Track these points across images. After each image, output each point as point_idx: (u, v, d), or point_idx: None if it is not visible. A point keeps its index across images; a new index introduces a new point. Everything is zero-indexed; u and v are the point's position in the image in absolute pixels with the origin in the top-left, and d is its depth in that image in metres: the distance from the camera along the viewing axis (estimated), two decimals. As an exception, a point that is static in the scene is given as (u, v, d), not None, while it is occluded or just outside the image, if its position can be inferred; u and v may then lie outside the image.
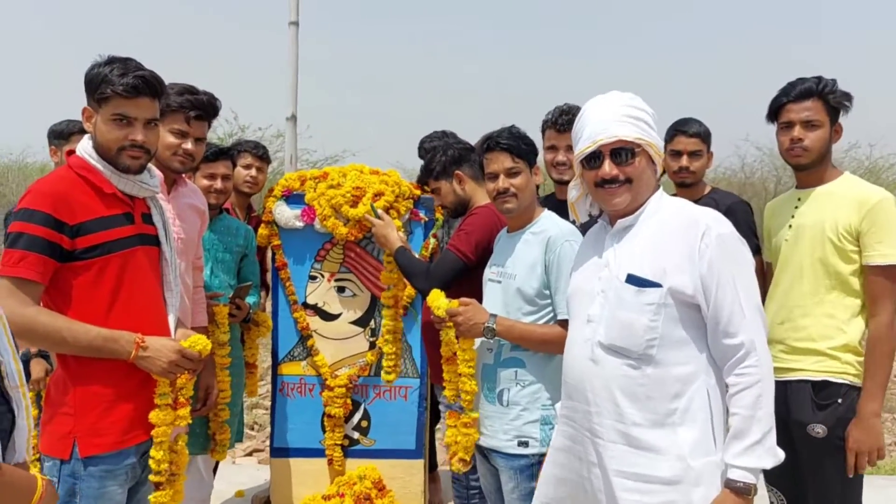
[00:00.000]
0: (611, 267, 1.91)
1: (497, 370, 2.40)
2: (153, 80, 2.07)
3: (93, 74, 2.05)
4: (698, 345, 1.82)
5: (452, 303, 2.37)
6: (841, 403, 2.41)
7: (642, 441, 1.81)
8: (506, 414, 2.37)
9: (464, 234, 2.69)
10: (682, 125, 3.20)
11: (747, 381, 1.75)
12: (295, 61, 4.69)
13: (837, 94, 2.51)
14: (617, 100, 1.94)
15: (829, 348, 2.44)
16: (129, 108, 2.05)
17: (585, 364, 1.92)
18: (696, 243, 1.78)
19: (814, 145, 2.51)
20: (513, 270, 2.41)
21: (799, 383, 2.47)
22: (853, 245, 2.42)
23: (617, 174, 1.89)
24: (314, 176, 3.50)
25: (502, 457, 2.38)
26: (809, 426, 2.44)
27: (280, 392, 3.54)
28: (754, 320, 1.78)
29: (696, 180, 3.21)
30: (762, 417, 1.73)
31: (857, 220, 2.41)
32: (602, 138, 1.89)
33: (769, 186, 13.68)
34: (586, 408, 1.91)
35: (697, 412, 1.79)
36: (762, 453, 1.73)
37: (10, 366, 1.50)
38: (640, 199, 1.93)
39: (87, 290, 2.01)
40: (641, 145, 1.89)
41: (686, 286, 1.78)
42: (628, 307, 1.83)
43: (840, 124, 2.57)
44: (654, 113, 1.94)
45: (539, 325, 2.34)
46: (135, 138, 2.06)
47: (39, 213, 1.94)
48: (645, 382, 1.81)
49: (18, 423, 1.52)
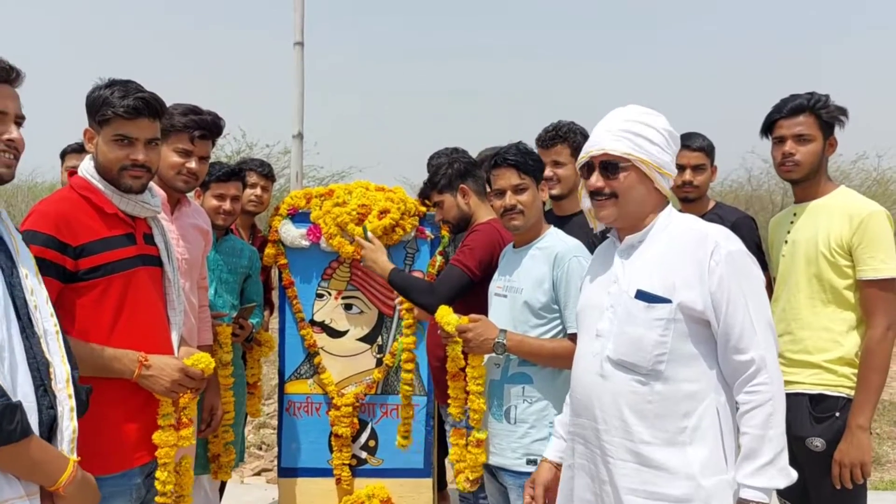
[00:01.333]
0: (620, 282, 1.90)
1: (504, 386, 2.39)
2: (153, 101, 2.10)
3: (94, 97, 2.08)
4: (708, 361, 1.80)
5: (462, 319, 2.36)
6: (839, 417, 2.40)
7: (652, 459, 1.78)
8: (513, 432, 2.35)
9: (468, 250, 2.68)
10: (685, 139, 3.19)
11: (758, 399, 1.72)
12: (300, 81, 4.74)
13: (830, 108, 2.53)
14: (623, 114, 1.94)
15: (826, 361, 2.44)
16: (130, 129, 2.07)
17: (594, 379, 1.90)
18: (705, 260, 1.77)
19: (805, 159, 2.53)
20: (519, 284, 2.40)
21: (796, 396, 2.45)
22: (846, 259, 2.42)
23: (602, 186, 1.90)
24: (320, 193, 3.50)
25: (511, 475, 2.36)
26: (808, 440, 2.43)
27: (287, 411, 3.53)
28: (765, 337, 1.76)
29: (699, 195, 3.20)
30: (774, 437, 1.71)
31: (848, 235, 2.41)
32: (593, 150, 1.91)
33: (776, 199, 13.63)
34: (595, 425, 1.89)
35: (707, 430, 1.77)
36: (774, 473, 1.70)
37: (59, 368, 1.62)
38: (631, 215, 1.92)
39: (91, 310, 2.01)
40: (631, 161, 1.88)
41: (696, 302, 1.76)
42: (637, 322, 1.82)
43: (834, 138, 2.59)
44: (669, 131, 1.92)
45: (549, 340, 2.33)
46: (136, 158, 2.08)
47: (42, 235, 1.95)
48: (654, 399, 1.79)
49: (62, 423, 1.61)
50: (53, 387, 1.60)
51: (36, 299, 1.63)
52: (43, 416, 1.57)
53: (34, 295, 1.63)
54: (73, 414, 1.64)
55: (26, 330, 1.59)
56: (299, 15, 4.71)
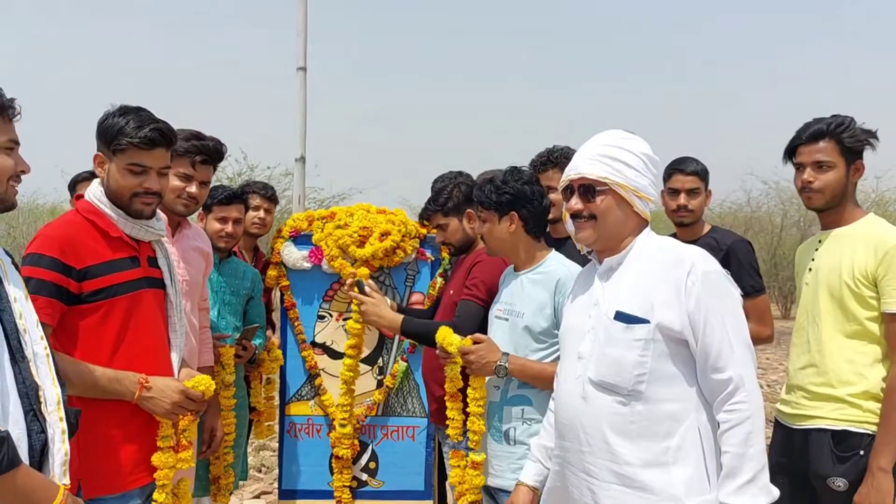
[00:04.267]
0: (600, 305, 1.94)
1: (504, 408, 2.41)
2: (167, 132, 2.15)
3: (107, 125, 2.12)
4: (688, 380, 1.83)
5: (465, 340, 2.38)
6: (863, 455, 2.30)
7: (636, 481, 1.80)
8: (513, 453, 2.37)
9: (479, 283, 2.72)
10: (679, 164, 3.21)
11: (738, 417, 1.75)
12: (303, 105, 4.80)
13: (856, 132, 2.43)
14: (602, 139, 1.99)
15: (850, 395, 2.35)
16: (145, 159, 2.12)
17: (576, 402, 1.93)
18: (682, 280, 1.80)
19: (825, 187, 2.44)
20: (521, 309, 2.43)
21: (818, 432, 2.38)
22: (870, 290, 2.34)
23: (581, 209, 1.95)
24: (321, 216, 3.54)
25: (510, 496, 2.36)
26: (829, 479, 2.34)
27: (288, 433, 3.53)
28: (743, 356, 1.78)
29: (694, 219, 3.20)
30: (753, 455, 1.73)
31: (873, 265, 2.32)
32: (571, 174, 1.98)
33: (775, 220, 13.69)
34: (579, 447, 1.91)
35: (690, 450, 1.79)
36: (756, 492, 1.72)
37: (49, 391, 1.62)
38: (609, 238, 1.96)
39: (93, 332, 2.05)
40: (608, 185, 1.91)
41: (674, 322, 1.80)
42: (617, 343, 1.85)
43: (861, 162, 2.47)
44: (646, 155, 1.96)
45: (551, 364, 2.34)
46: (150, 186, 2.13)
47: (47, 258, 1.99)
48: (636, 419, 1.82)
49: (53, 447, 1.60)
50: (44, 410, 1.60)
51: (25, 323, 1.64)
52: (33, 441, 1.57)
53: (23, 318, 1.63)
54: (65, 437, 1.63)
55: (15, 354, 1.59)
56: (302, 40, 4.78)
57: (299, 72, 4.76)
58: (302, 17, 4.58)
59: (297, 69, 4.80)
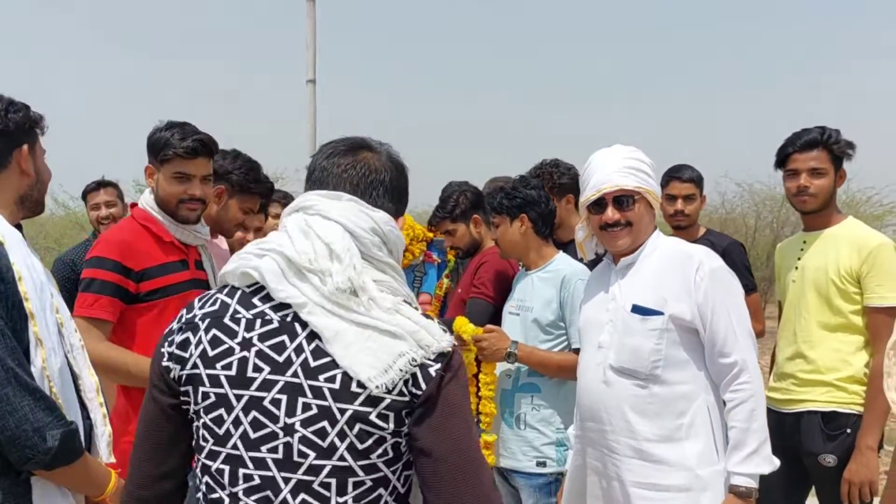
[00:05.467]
0: (617, 299, 2.16)
1: (515, 395, 2.62)
2: (209, 143, 2.35)
3: (155, 138, 2.32)
4: (698, 365, 2.06)
5: (478, 329, 2.60)
6: (850, 433, 2.56)
7: (654, 455, 2.03)
8: (523, 437, 2.59)
9: (486, 281, 2.94)
10: (676, 171, 3.46)
11: (742, 396, 1.98)
12: (313, 116, 4.98)
13: (841, 143, 2.69)
14: (619, 153, 2.20)
15: (837, 379, 2.60)
16: (188, 167, 2.31)
17: (599, 386, 2.15)
18: (691, 276, 2.04)
19: (819, 192, 2.68)
20: (530, 304, 2.65)
21: (809, 414, 2.64)
22: (855, 287, 2.59)
23: (619, 219, 2.14)
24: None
25: (522, 476, 2.59)
26: (821, 456, 2.59)
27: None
28: (746, 342, 2.02)
29: (690, 223, 3.44)
30: (757, 429, 1.96)
31: (857, 264, 2.58)
32: (606, 187, 2.13)
33: (749, 222, 13.96)
34: (601, 427, 2.13)
35: (700, 427, 2.03)
36: (760, 461, 1.96)
37: (87, 379, 1.75)
38: (640, 240, 2.18)
39: (150, 328, 2.23)
40: (641, 193, 2.14)
41: (685, 313, 2.03)
42: (635, 333, 2.07)
43: (844, 170, 2.74)
44: (652, 163, 2.21)
45: (556, 353, 2.57)
46: (193, 193, 2.32)
47: (110, 261, 2.19)
48: (653, 401, 2.05)
49: (98, 430, 1.74)
50: (84, 397, 1.74)
51: (62, 316, 1.75)
52: (84, 426, 1.70)
53: (59, 313, 1.74)
54: (106, 420, 1.79)
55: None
56: (311, 53, 4.95)
57: (309, 84, 4.95)
58: (311, 32, 4.76)
59: (306, 81, 4.98)
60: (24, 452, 1.51)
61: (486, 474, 1.24)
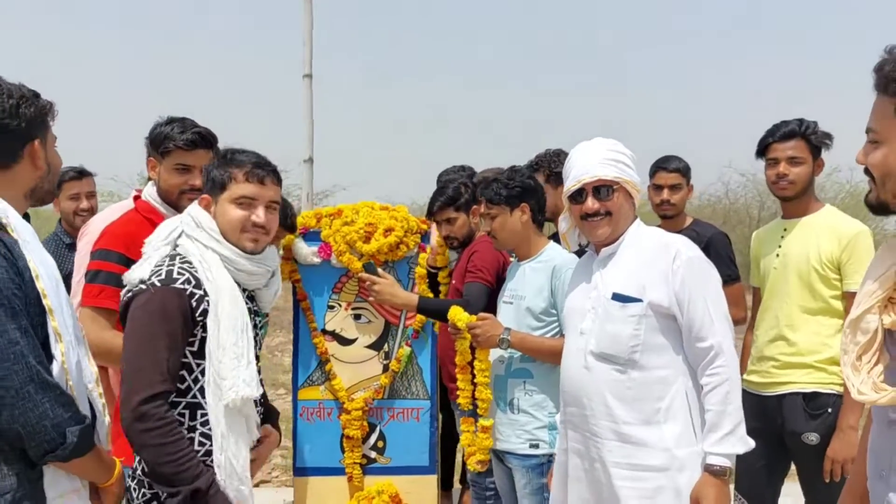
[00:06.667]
0: (599, 288, 2.24)
1: (508, 380, 2.71)
2: (207, 135, 2.46)
3: (157, 133, 2.43)
4: (675, 350, 2.14)
5: (472, 317, 2.68)
6: (831, 413, 2.68)
7: (633, 437, 2.11)
8: (516, 420, 2.68)
9: (481, 266, 3.02)
10: (662, 162, 3.55)
11: (717, 380, 2.06)
12: (310, 110, 5.05)
13: (819, 134, 2.84)
14: (599, 145, 2.28)
15: (817, 361, 2.73)
16: (188, 159, 2.42)
17: (580, 372, 2.22)
18: (669, 264, 2.12)
19: (797, 179, 2.84)
20: (522, 293, 2.74)
21: (792, 396, 2.75)
22: (835, 273, 2.72)
23: (598, 208, 2.22)
24: (329, 213, 3.77)
25: (516, 457, 2.69)
26: (804, 435, 2.71)
27: (301, 416, 3.79)
28: (722, 327, 2.10)
29: (677, 212, 3.53)
30: (732, 412, 2.04)
31: (837, 252, 2.71)
32: (585, 178, 2.22)
33: (752, 212, 14.00)
34: (583, 411, 2.21)
35: (679, 410, 2.11)
36: (735, 441, 2.04)
37: (87, 369, 1.78)
38: (620, 230, 2.26)
39: None
40: (620, 183, 2.21)
41: (663, 300, 2.11)
42: (615, 320, 2.15)
43: (822, 159, 2.89)
44: (632, 155, 2.29)
45: (548, 339, 2.65)
46: (194, 184, 2.42)
47: (115, 253, 2.30)
48: (632, 385, 2.12)
49: (99, 418, 1.79)
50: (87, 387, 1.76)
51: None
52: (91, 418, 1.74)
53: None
54: (106, 409, 1.83)
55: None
56: (308, 49, 5.03)
57: (305, 79, 5.02)
58: (307, 27, 4.82)
59: (303, 76, 5.06)
60: (43, 447, 1.58)
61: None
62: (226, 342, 1.89)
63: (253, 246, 2.02)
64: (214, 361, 1.89)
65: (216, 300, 1.91)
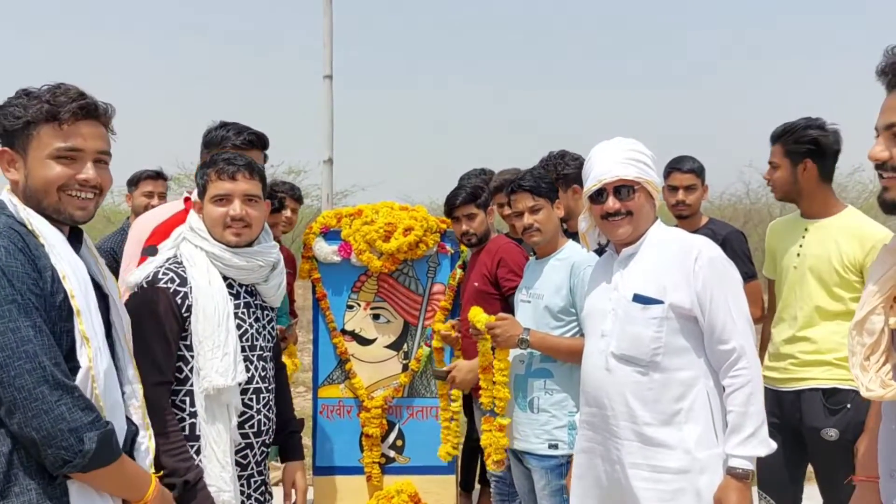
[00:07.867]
0: (619, 289, 2.22)
1: (528, 380, 2.70)
2: (262, 137, 2.59)
3: (212, 135, 2.57)
4: (697, 352, 2.12)
5: (490, 317, 2.67)
6: (850, 408, 2.65)
7: (654, 438, 2.10)
8: (536, 420, 2.67)
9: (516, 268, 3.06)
10: (677, 163, 3.56)
11: (740, 381, 2.04)
12: (330, 110, 5.08)
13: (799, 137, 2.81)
14: (620, 145, 2.27)
15: (836, 358, 2.69)
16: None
17: (601, 373, 2.22)
18: (691, 265, 2.10)
19: (775, 184, 2.91)
20: (541, 291, 2.72)
21: (811, 392, 2.73)
22: (857, 276, 2.70)
23: (619, 208, 2.21)
24: (349, 213, 3.80)
25: (535, 458, 2.68)
26: (823, 430, 2.69)
27: (321, 414, 3.82)
28: (744, 329, 2.08)
29: (692, 212, 3.54)
30: (754, 413, 2.02)
31: (861, 256, 2.67)
32: (606, 178, 2.21)
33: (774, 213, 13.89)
34: (604, 412, 2.21)
35: (700, 411, 2.09)
36: (756, 444, 2.02)
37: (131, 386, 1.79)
38: (641, 229, 2.24)
39: None
40: (640, 183, 2.21)
41: (684, 301, 2.09)
42: (636, 322, 2.14)
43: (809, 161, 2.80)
44: (652, 155, 2.28)
45: (567, 338, 2.64)
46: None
47: None
48: (653, 387, 2.11)
49: (139, 440, 1.75)
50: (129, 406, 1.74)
51: (120, 321, 1.79)
52: (126, 434, 1.69)
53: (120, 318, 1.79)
54: (150, 433, 1.78)
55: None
56: (328, 50, 5.06)
57: (326, 79, 5.05)
58: (328, 29, 4.86)
59: (323, 77, 5.09)
60: (60, 454, 1.48)
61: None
62: (202, 334, 2.06)
63: (237, 240, 2.16)
64: (196, 353, 2.07)
65: (197, 296, 2.08)
